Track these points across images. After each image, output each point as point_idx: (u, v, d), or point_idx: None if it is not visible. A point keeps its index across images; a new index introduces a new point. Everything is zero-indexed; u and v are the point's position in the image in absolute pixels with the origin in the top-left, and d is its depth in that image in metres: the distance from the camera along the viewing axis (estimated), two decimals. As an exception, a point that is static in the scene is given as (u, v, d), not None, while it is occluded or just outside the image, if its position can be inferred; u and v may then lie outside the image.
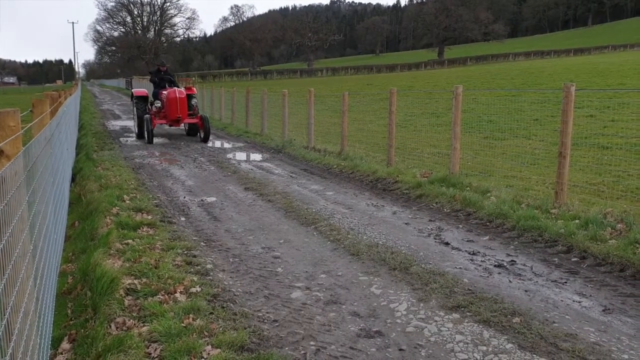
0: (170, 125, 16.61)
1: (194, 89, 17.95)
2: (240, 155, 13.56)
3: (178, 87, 17.10)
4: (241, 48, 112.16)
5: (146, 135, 15.66)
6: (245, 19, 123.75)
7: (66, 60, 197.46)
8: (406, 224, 6.79)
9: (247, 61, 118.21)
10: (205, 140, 16.01)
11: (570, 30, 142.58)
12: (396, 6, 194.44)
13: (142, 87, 23.88)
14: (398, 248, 5.74)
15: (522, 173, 9.32)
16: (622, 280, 4.71)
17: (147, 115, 15.85)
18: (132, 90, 19.18)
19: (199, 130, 16.57)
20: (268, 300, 4.46)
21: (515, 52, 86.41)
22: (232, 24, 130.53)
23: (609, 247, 5.20)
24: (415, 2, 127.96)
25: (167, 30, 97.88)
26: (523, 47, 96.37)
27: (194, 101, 16.76)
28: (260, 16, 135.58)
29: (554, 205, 6.67)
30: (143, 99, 17.09)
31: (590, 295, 4.43)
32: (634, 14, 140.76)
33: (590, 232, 5.59)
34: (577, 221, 5.97)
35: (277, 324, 4.01)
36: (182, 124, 17.04)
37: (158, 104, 16.30)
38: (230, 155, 13.42)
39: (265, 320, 4.06)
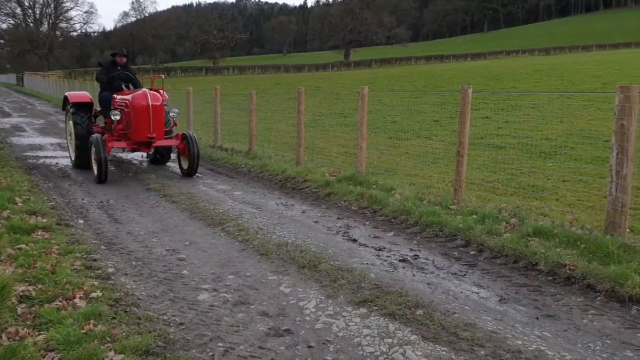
0: (132, 151, 10.49)
1: (164, 93, 10.99)
2: (137, 155, 13.02)
3: (140, 87, 10.91)
4: (143, 44, 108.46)
5: (96, 169, 9.37)
6: (147, 15, 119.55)
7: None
8: (315, 222, 6.85)
9: (149, 58, 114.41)
10: (190, 172, 10.09)
11: (468, 35, 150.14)
12: (303, 7, 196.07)
13: (81, 90, 17.04)
14: (307, 246, 5.78)
15: (424, 171, 9.69)
16: (515, 272, 5.00)
17: (96, 136, 9.58)
18: (67, 94, 11.62)
19: (179, 157, 10.55)
20: (174, 303, 4.33)
21: (417, 55, 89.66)
22: (134, 19, 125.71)
23: (503, 240, 5.51)
24: (321, 3, 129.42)
25: (63, 24, 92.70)
26: (424, 51, 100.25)
27: (172, 113, 10.74)
28: (163, 12, 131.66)
29: (453, 202, 6.99)
30: (84, 107, 10.94)
31: (488, 287, 4.67)
32: (525, 21, 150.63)
33: (486, 227, 5.90)
34: (474, 216, 6.29)
35: (183, 326, 3.91)
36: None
37: (116, 115, 9.90)
38: (131, 155, 12.91)
39: (171, 324, 3.94)
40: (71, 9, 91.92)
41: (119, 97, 10.47)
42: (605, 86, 24.38)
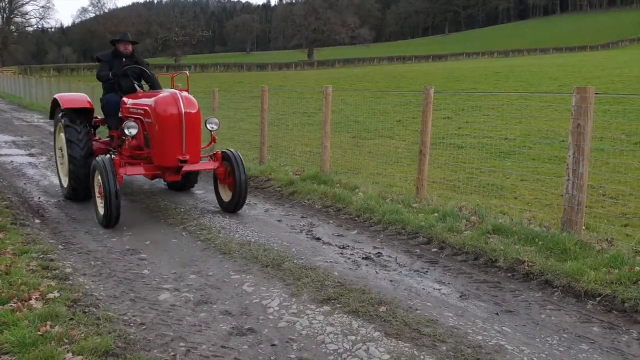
0: (152, 178, 7.49)
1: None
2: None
3: (159, 87, 8.08)
4: (102, 41, 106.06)
5: (102, 208, 6.44)
6: (106, 11, 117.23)
7: None
8: (279, 221, 6.83)
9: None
10: (235, 207, 7.11)
11: (429, 37, 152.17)
12: (266, 5, 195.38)
13: (75, 92, 12.56)
14: (270, 245, 5.75)
15: (387, 171, 9.77)
16: (476, 268, 5.09)
17: (102, 159, 6.45)
18: (57, 97, 8.25)
19: (217, 183, 7.41)
20: (134, 304, 4.25)
21: (379, 56, 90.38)
22: (92, 15, 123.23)
23: (464, 237, 5.60)
24: (284, 2, 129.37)
25: (18, 19, 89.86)
26: (386, 52, 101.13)
27: (211, 124, 7.24)
28: (123, 8, 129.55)
29: (416, 200, 7.07)
30: (82, 115, 7.78)
31: (449, 283, 4.74)
32: (485, 24, 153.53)
33: (447, 224, 5.99)
34: (436, 214, 6.37)
35: (144, 327, 3.84)
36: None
37: (132, 129, 6.73)
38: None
39: (132, 324, 3.87)
40: (26, 3, 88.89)
41: (130, 101, 7.38)
42: (562, 88, 25.04)
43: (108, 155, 6.74)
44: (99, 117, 8.42)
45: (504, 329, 3.85)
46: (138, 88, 7.87)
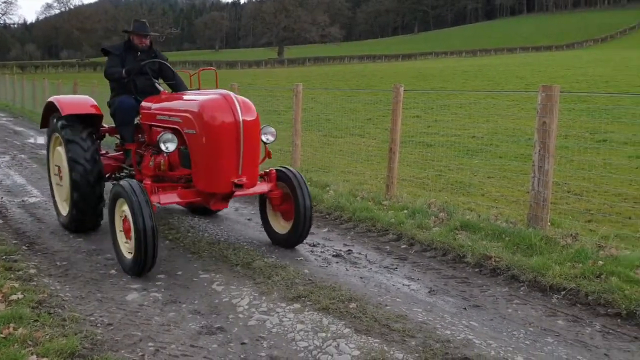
0: (185, 205, 6.84)
1: None
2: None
3: (185, 87, 6.55)
4: (68, 38, 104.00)
5: (133, 251, 4.66)
6: (72, 7, 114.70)
7: None
8: (248, 219, 6.80)
9: (74, 52, 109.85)
10: (298, 239, 5.57)
11: (399, 36, 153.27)
12: (236, 3, 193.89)
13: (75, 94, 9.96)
14: (240, 244, 5.72)
15: (358, 168, 9.82)
16: (444, 264, 5.15)
17: (130, 182, 4.74)
18: (54, 99, 6.28)
19: (264, 208, 5.90)
20: (101, 304, 4.18)
21: (349, 55, 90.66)
22: (57, 11, 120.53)
23: (433, 234, 5.66)
24: (254, 0, 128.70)
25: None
26: (357, 51, 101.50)
27: (266, 135, 5.50)
28: (89, 5, 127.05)
29: (386, 198, 7.12)
30: (87, 122, 6.10)
31: (418, 279, 4.79)
32: (454, 23, 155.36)
33: (417, 221, 6.04)
34: (405, 211, 6.43)
35: (112, 327, 3.78)
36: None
37: (170, 143, 4.99)
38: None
39: (99, 325, 3.80)
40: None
41: (156, 105, 5.72)
42: (529, 87, 25.51)
43: (135, 181, 4.83)
44: (106, 125, 6.60)
45: (471, 324, 3.90)
46: (161, 89, 6.15)
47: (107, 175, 6.32)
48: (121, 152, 6.66)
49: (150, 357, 3.38)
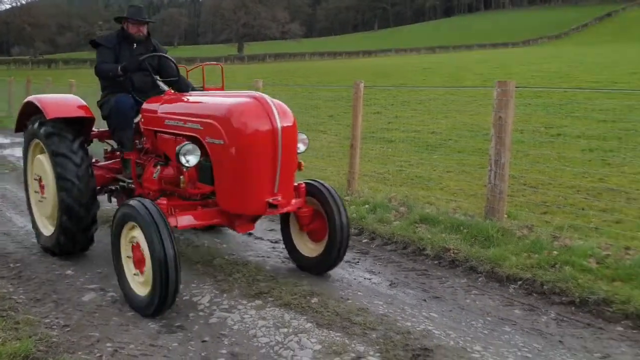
0: (199, 226, 5.05)
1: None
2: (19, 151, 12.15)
3: (189, 86, 5.72)
4: (19, 34, 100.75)
5: (153, 283, 3.72)
6: (23, 2, 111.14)
7: None
8: (208, 216, 6.72)
9: (27, 48, 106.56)
10: (331, 263, 4.68)
11: (359, 33, 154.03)
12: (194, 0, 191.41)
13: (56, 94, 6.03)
14: (200, 242, 5.66)
15: (320, 165, 9.82)
16: (405, 257, 5.22)
17: (143, 202, 3.88)
18: (34, 99, 5.31)
19: (285, 226, 5.01)
20: (57, 306, 4.07)
21: (310, 51, 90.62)
22: (8, 6, 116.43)
23: (393, 227, 5.72)
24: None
25: None
26: (317, 48, 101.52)
27: (299, 143, 4.49)
28: (42, 0, 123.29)
29: (347, 193, 7.15)
30: (76, 127, 5.10)
31: (379, 272, 4.83)
32: (413, 20, 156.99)
33: (378, 215, 6.10)
34: (367, 206, 6.47)
35: (68, 328, 3.69)
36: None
37: (191, 158, 4.09)
38: (7, 152, 12.01)
39: (54, 327, 3.71)
40: None
41: (165, 107, 4.80)
42: (486, 82, 25.99)
43: (148, 200, 3.97)
44: (96, 130, 5.71)
45: (431, 315, 3.96)
46: (165, 87, 5.31)
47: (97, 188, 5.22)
48: (115, 161, 5.68)
49: (108, 358, 3.32)
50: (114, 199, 5.79)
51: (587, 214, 6.66)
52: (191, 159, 4.09)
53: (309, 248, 4.85)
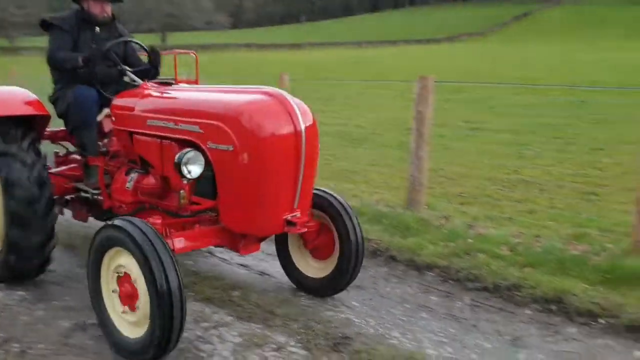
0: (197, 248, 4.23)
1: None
2: None
3: (154, 71, 4.68)
4: None
5: (151, 321, 2.99)
6: None
7: None
8: (128, 211, 6.52)
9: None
10: (341, 285, 4.05)
11: (286, 25, 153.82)
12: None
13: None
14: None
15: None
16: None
17: (136, 223, 3.08)
18: None
19: (283, 245, 4.31)
20: (-41, 307, 3.84)
21: (237, 43, 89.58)
22: None
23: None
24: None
25: None
26: (244, 39, 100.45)
27: None
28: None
29: (272, 186, 7.12)
30: (26, 127, 4.25)
31: (302, 264, 4.85)
32: (340, 15, 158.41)
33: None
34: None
35: (-29, 331, 3.48)
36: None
37: (196, 168, 3.32)
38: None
39: (-45, 329, 3.49)
40: None
41: (142, 103, 3.93)
42: (410, 78, 26.65)
43: (139, 220, 3.16)
44: (49, 130, 4.80)
45: (352, 304, 4.03)
46: (138, 80, 4.27)
47: None
48: (71, 167, 4.84)
49: (14, 358, 3.15)
50: (67, 211, 4.92)
51: (501, 205, 6.96)
52: (194, 169, 3.33)
53: (312, 267, 4.17)
